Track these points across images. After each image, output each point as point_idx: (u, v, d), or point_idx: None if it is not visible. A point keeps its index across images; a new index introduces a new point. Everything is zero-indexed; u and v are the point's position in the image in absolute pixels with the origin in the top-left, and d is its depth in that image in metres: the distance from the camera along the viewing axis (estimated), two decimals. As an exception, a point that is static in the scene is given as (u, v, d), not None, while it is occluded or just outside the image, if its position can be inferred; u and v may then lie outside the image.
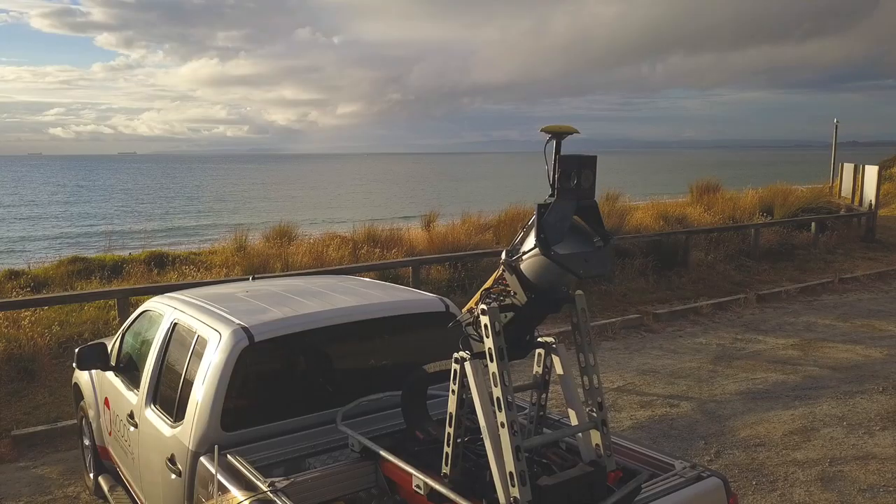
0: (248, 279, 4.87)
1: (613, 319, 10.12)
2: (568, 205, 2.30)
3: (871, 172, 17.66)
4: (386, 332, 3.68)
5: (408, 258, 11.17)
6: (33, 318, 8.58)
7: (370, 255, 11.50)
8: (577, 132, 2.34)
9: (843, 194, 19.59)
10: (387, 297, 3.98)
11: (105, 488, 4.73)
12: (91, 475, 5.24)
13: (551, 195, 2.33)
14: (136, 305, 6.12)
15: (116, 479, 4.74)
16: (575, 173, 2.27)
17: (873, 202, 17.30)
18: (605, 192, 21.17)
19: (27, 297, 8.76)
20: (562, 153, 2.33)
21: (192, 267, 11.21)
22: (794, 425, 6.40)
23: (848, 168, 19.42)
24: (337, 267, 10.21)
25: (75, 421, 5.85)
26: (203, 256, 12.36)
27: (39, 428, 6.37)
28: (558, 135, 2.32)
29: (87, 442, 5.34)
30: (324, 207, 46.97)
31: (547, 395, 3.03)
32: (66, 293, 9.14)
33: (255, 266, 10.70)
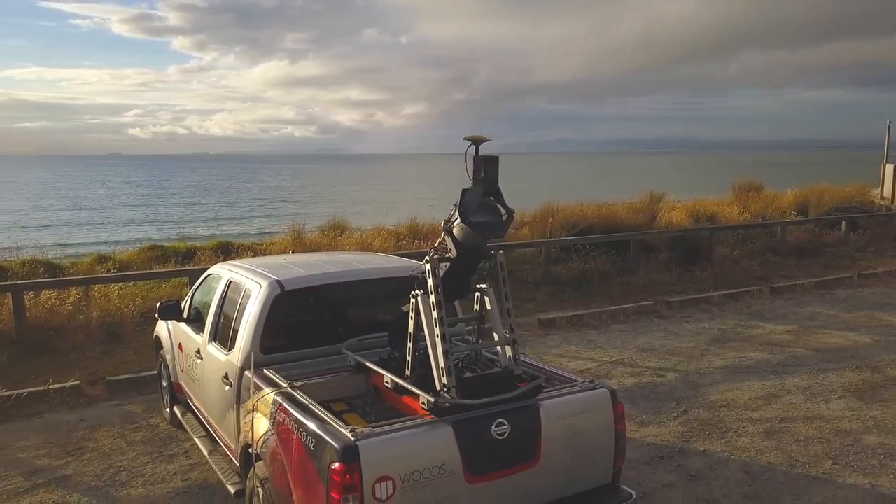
0: (288, 253, 6.18)
1: (626, 305, 11.08)
2: (479, 189, 3.44)
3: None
4: (381, 288, 4.88)
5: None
6: (121, 293, 10.20)
7: (409, 246, 12.74)
8: (489, 139, 3.47)
9: (884, 194, 19.80)
10: (385, 264, 5.25)
11: (178, 414, 6.11)
12: (167, 409, 6.65)
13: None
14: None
15: (186, 408, 6.12)
16: (483, 168, 3.41)
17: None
18: (650, 191, 21.95)
19: (117, 274, 10.37)
20: (479, 154, 3.47)
21: (252, 254, 12.70)
22: (761, 393, 7.30)
23: (889, 169, 19.63)
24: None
25: (155, 371, 7.29)
26: (264, 246, 13.88)
27: (127, 376, 7.84)
28: (476, 141, 3.46)
29: (164, 383, 6.75)
30: (380, 204, 48.59)
31: (482, 325, 4.13)
32: (149, 271, 10.73)
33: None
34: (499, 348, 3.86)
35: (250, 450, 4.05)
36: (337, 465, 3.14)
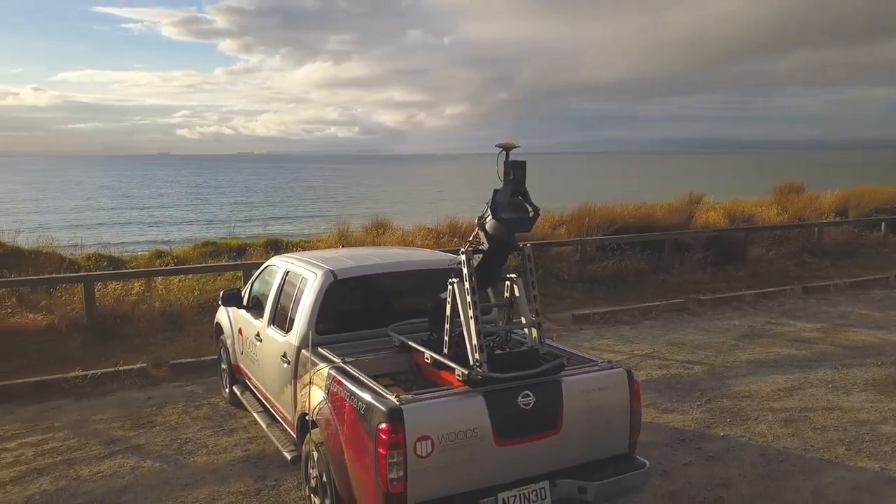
0: (339, 247, 6.76)
1: (658, 303, 11.42)
2: (508, 189, 3.94)
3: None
4: (422, 278, 5.40)
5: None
6: (180, 285, 10.95)
7: (449, 244, 13.26)
8: (518, 146, 3.96)
9: (933, 195, 19.60)
10: (426, 257, 5.80)
11: (238, 393, 6.73)
12: (226, 389, 7.29)
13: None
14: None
15: (245, 387, 6.74)
16: (511, 171, 3.91)
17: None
18: (689, 192, 22.08)
19: (177, 267, 11.13)
20: (509, 159, 3.96)
21: (301, 250, 13.37)
22: (784, 385, 7.61)
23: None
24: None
25: (215, 356, 7.95)
26: (311, 243, 14.55)
27: (189, 360, 8.54)
28: (506, 148, 3.95)
29: (223, 366, 7.39)
30: (421, 204, 49.26)
31: (512, 309, 4.61)
32: (206, 265, 11.48)
33: (351, 250, 12.76)
34: (526, 330, 4.35)
35: (307, 417, 4.60)
36: (384, 425, 3.66)
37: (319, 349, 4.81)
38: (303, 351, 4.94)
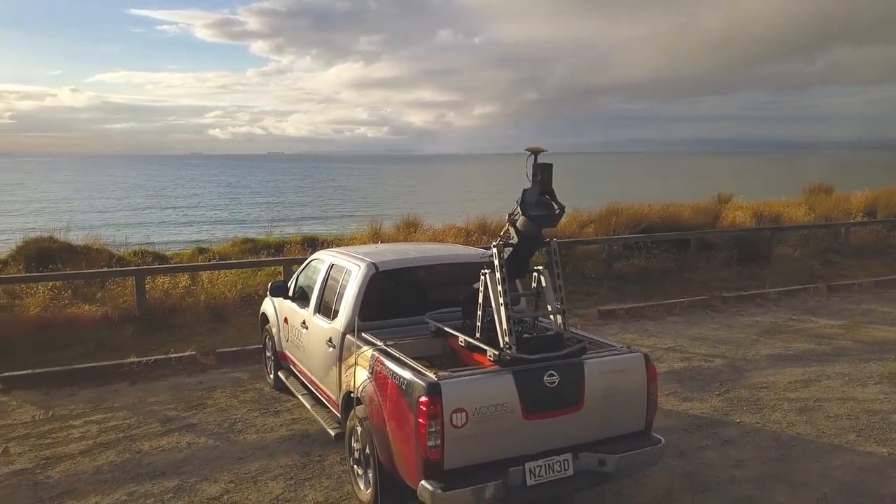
0: (377, 243, 7.24)
1: (682, 299, 11.73)
2: (536, 189, 4.36)
3: None
4: (455, 271, 5.85)
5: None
6: (224, 280, 11.54)
7: (478, 242, 13.69)
8: (546, 150, 4.38)
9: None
10: (459, 251, 6.27)
11: (283, 377, 7.26)
12: (271, 375, 7.82)
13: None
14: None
15: (289, 372, 7.26)
16: (539, 173, 4.33)
17: None
18: (718, 193, 22.24)
19: (221, 262, 11.74)
20: (537, 162, 4.39)
21: (335, 246, 13.93)
22: (802, 377, 7.91)
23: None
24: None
25: (258, 346, 8.49)
26: (345, 241, 15.10)
27: (234, 348, 9.10)
28: (535, 151, 4.38)
29: (268, 353, 7.92)
30: (450, 204, 49.72)
31: (539, 299, 5.03)
32: (249, 260, 12.09)
33: (384, 247, 13.27)
34: (551, 317, 4.77)
35: (352, 395, 5.08)
36: (424, 398, 4.10)
37: (362, 334, 5.28)
38: (347, 336, 5.42)
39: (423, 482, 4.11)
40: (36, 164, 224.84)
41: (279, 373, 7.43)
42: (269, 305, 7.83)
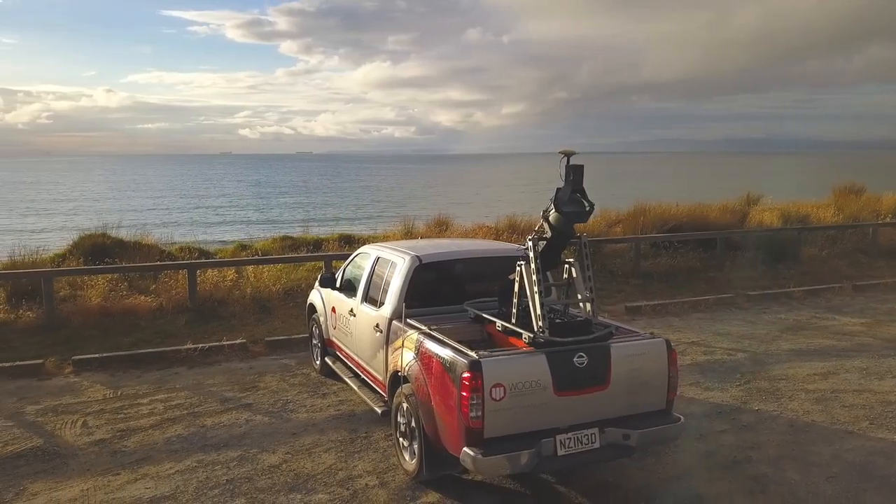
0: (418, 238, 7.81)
1: (707, 297, 12.09)
2: (568, 188, 4.86)
3: None
4: (492, 264, 6.38)
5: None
6: (268, 274, 12.19)
7: (508, 240, 14.18)
8: (577, 152, 4.87)
9: None
10: (495, 246, 6.81)
11: (329, 363, 7.84)
12: (317, 361, 8.40)
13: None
14: (336, 267, 9.30)
15: (336, 358, 7.84)
16: (571, 173, 4.83)
17: None
18: (746, 193, 22.43)
19: (267, 257, 12.41)
20: (570, 163, 4.89)
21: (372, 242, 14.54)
22: (821, 370, 8.28)
23: None
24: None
25: (305, 335, 9.09)
26: (379, 238, 15.70)
27: (281, 337, 9.72)
28: (567, 154, 4.88)
29: (315, 341, 8.51)
30: (479, 204, 50.22)
31: (569, 289, 5.52)
32: (292, 255, 12.75)
33: (419, 244, 13.85)
34: (581, 305, 5.27)
35: (399, 374, 5.62)
36: (467, 374, 4.62)
37: (408, 320, 5.83)
38: (394, 322, 5.97)
39: (465, 448, 4.63)
40: (70, 164, 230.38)
41: (326, 358, 8.01)
42: (316, 296, 8.41)
